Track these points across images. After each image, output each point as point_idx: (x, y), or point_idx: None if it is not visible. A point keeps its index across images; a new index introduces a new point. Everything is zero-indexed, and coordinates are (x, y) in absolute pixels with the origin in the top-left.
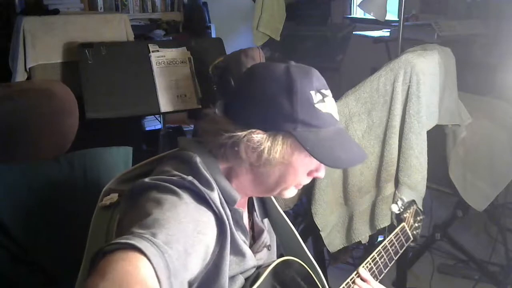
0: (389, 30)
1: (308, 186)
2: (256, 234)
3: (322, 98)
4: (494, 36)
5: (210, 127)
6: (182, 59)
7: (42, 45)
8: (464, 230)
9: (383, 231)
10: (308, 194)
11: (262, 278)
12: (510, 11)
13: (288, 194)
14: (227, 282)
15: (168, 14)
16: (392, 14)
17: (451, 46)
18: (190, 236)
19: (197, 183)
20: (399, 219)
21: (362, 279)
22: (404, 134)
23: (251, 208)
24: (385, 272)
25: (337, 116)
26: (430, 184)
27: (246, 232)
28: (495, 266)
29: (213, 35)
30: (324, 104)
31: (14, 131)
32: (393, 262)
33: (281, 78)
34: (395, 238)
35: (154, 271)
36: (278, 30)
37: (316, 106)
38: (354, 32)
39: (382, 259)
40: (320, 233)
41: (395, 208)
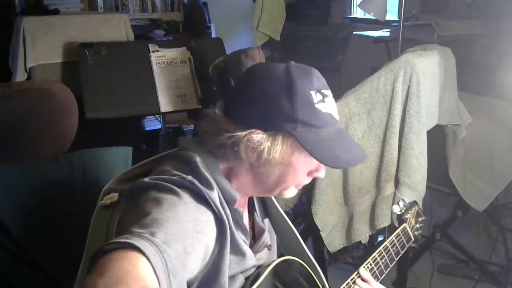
0: (389, 30)
1: (308, 186)
2: (256, 234)
3: (322, 98)
4: (494, 36)
5: (210, 127)
6: (182, 59)
7: (42, 45)
8: (464, 230)
9: (383, 231)
10: (308, 194)
11: (262, 278)
12: (510, 11)
13: (288, 194)
14: (227, 282)
15: (168, 14)
16: (392, 14)
17: (451, 46)
18: (190, 236)
19: (197, 183)
20: (400, 220)
21: (363, 280)
22: (404, 134)
23: (251, 208)
24: (386, 272)
25: (337, 116)
26: (430, 184)
27: (246, 231)
28: (495, 266)
29: (213, 35)
30: (324, 104)
31: (14, 131)
32: (394, 263)
33: (281, 78)
34: (396, 238)
35: (153, 270)
36: (278, 30)
37: (316, 106)
38: (354, 32)
39: (383, 260)
40: (320, 233)
41: (397, 209)
